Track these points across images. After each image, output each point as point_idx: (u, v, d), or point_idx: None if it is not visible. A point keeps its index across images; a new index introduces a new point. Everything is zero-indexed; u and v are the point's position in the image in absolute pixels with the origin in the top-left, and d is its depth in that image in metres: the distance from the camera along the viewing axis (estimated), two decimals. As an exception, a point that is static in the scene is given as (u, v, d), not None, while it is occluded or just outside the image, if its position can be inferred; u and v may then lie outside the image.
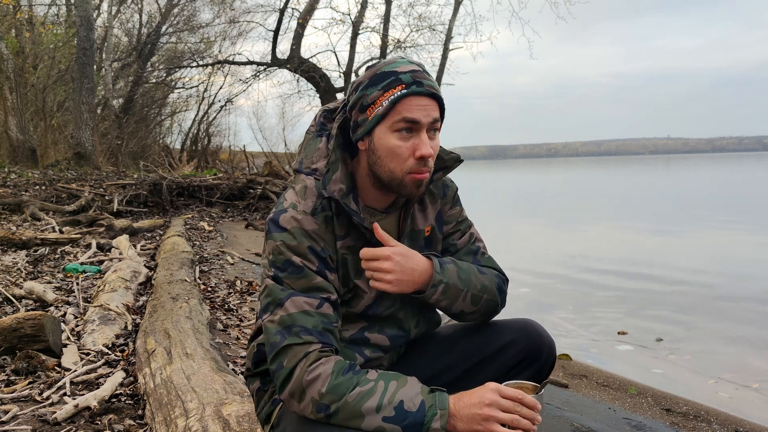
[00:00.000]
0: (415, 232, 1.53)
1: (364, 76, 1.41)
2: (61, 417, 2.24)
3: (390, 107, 1.35)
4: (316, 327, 1.31)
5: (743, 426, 3.00)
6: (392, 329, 1.51)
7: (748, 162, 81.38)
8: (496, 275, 1.57)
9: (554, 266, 8.10)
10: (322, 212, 1.39)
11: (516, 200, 23.51)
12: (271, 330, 1.33)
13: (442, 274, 1.43)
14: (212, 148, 26.32)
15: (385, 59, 1.43)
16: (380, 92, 1.35)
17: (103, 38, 20.41)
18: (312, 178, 1.43)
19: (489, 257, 1.61)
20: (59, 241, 5.96)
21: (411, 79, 1.35)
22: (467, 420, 1.23)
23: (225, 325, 3.75)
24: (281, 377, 1.30)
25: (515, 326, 1.54)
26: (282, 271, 1.35)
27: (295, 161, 1.51)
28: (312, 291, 1.34)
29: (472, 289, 1.47)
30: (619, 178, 42.08)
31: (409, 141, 1.36)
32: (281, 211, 1.38)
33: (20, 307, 3.75)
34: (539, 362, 1.50)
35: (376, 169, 1.40)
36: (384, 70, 1.37)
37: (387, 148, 1.37)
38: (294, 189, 1.43)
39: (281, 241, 1.35)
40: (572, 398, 3.13)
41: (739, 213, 14.62)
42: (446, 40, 19.18)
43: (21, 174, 11.97)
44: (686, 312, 5.51)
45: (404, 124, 1.35)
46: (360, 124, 1.39)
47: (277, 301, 1.34)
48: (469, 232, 1.61)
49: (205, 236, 7.86)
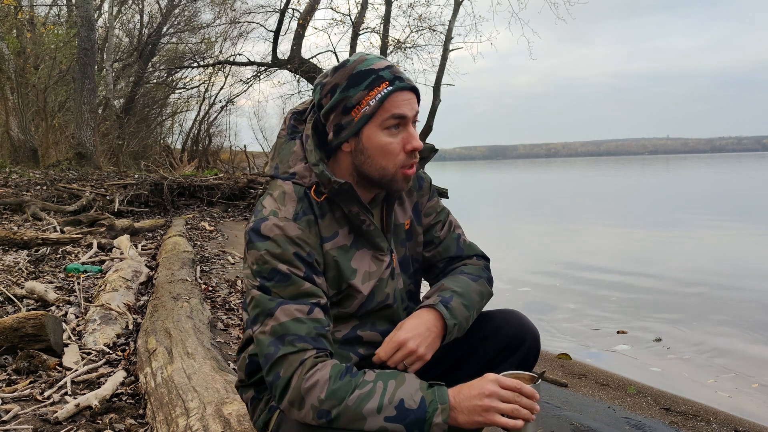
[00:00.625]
0: (396, 226, 1.55)
1: (336, 77, 1.39)
2: (62, 416, 2.25)
3: (378, 105, 1.35)
4: (309, 333, 1.29)
5: (742, 425, 3.01)
6: (384, 325, 1.51)
7: (747, 162, 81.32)
8: (483, 268, 1.61)
9: (554, 266, 8.10)
10: (304, 216, 1.37)
11: (516, 200, 23.50)
12: (263, 341, 1.31)
13: (451, 317, 1.44)
14: (213, 148, 26.37)
15: (352, 59, 1.41)
16: (365, 92, 1.35)
17: (104, 39, 20.43)
18: (290, 183, 1.41)
19: (470, 243, 1.65)
20: (60, 241, 5.97)
21: (392, 75, 1.37)
22: (468, 412, 1.25)
23: (226, 324, 3.76)
24: (279, 387, 1.28)
25: (498, 315, 1.58)
26: (269, 281, 1.32)
27: (268, 167, 1.48)
28: (301, 297, 1.32)
29: (476, 305, 1.52)
30: (619, 178, 42.06)
31: (398, 136, 1.38)
32: (262, 219, 1.35)
33: (21, 306, 3.76)
34: (523, 348, 1.53)
35: (365, 168, 1.40)
36: (360, 69, 1.37)
37: (378, 146, 1.37)
38: (272, 195, 1.40)
39: (265, 251, 1.32)
40: (572, 397, 3.14)
41: (738, 213, 14.62)
42: (446, 40, 19.20)
43: (22, 174, 11.98)
44: (686, 311, 5.51)
45: (393, 120, 1.36)
46: (344, 127, 1.38)
47: (266, 312, 1.31)
48: (448, 221, 1.65)
49: (206, 236, 7.87)
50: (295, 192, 1.39)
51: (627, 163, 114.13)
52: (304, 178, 1.41)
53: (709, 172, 45.48)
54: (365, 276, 1.45)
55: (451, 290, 1.49)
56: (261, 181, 11.59)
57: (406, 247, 1.57)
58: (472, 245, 1.65)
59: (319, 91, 1.42)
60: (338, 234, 1.42)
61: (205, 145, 26.12)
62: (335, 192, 1.38)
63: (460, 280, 1.53)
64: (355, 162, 1.40)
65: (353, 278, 1.43)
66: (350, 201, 1.40)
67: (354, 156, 1.40)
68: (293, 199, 1.38)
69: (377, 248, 1.48)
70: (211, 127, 27.20)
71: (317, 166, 1.38)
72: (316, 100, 1.42)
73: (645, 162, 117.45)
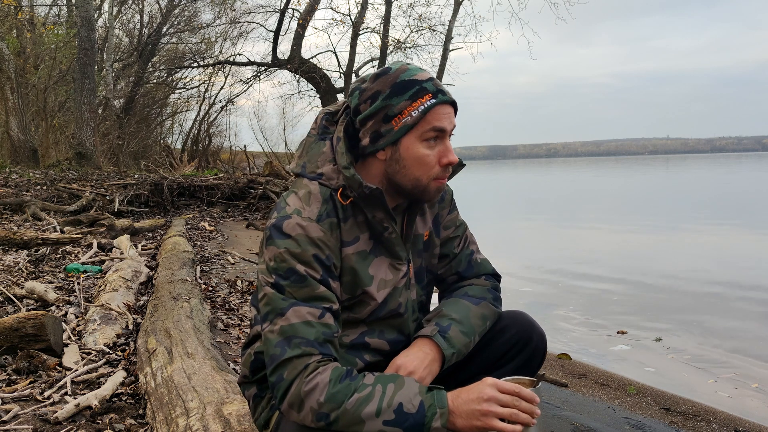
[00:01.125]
0: (416, 237, 1.54)
1: (378, 84, 1.38)
2: (62, 416, 2.25)
3: (420, 117, 1.35)
4: (317, 338, 1.29)
5: (742, 425, 3.01)
6: (392, 333, 1.50)
7: (747, 162, 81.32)
8: (488, 288, 1.60)
9: (554, 265, 8.09)
10: (327, 219, 1.36)
11: (516, 200, 23.50)
12: (271, 341, 1.31)
13: (449, 346, 1.45)
14: (213, 148, 26.35)
15: (394, 67, 1.41)
16: (407, 102, 1.35)
17: (104, 39, 20.42)
18: (317, 183, 1.40)
19: (481, 261, 1.65)
20: (60, 241, 5.97)
21: (435, 87, 1.37)
22: (466, 416, 1.24)
23: (226, 324, 3.76)
24: (281, 389, 1.28)
25: (505, 316, 1.59)
26: (284, 279, 1.32)
27: (295, 164, 1.47)
28: (314, 301, 1.32)
29: (477, 329, 1.52)
30: (619, 178, 42.06)
31: (435, 149, 1.38)
32: (285, 217, 1.34)
33: (21, 306, 3.76)
34: (530, 347, 1.54)
35: (398, 177, 1.39)
36: (404, 79, 1.37)
37: (416, 157, 1.37)
38: (297, 194, 1.39)
39: (285, 248, 1.32)
40: (572, 397, 3.14)
41: (738, 213, 14.61)
42: (446, 40, 19.20)
43: (22, 174, 11.98)
44: (685, 311, 5.51)
45: (433, 133, 1.36)
46: (383, 134, 1.37)
47: (277, 311, 1.31)
48: (465, 236, 1.65)
49: (206, 236, 7.87)
50: (321, 193, 1.39)
51: (627, 163, 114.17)
52: (332, 179, 1.40)
53: (709, 172, 45.48)
54: (381, 283, 1.45)
55: (449, 318, 1.49)
56: (261, 181, 11.59)
57: (422, 257, 1.57)
58: (484, 263, 1.65)
59: (357, 96, 1.40)
60: (359, 239, 1.41)
61: (205, 145, 26.10)
62: (363, 197, 1.38)
63: (460, 305, 1.53)
64: (388, 170, 1.40)
65: (369, 285, 1.43)
66: (377, 207, 1.39)
67: (388, 164, 1.40)
68: (318, 200, 1.38)
69: (396, 256, 1.48)
70: (211, 127, 27.20)
71: (348, 169, 1.37)
72: (353, 105, 1.41)
73: (645, 162, 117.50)
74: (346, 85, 18.77)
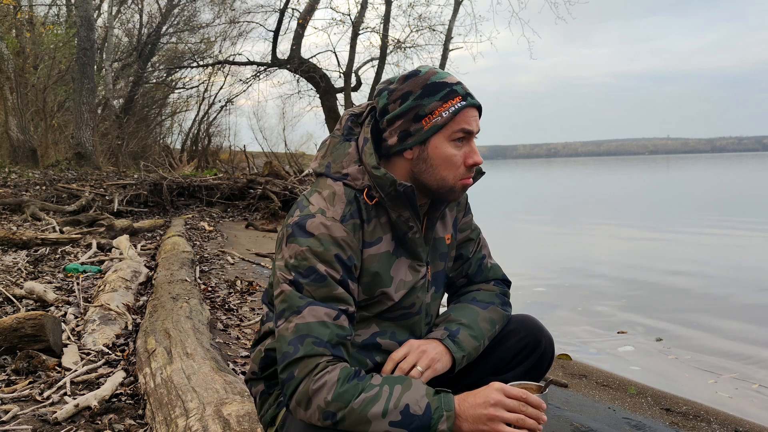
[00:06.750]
0: (436, 240, 1.55)
1: (408, 85, 1.40)
2: (61, 417, 2.24)
3: (450, 118, 1.37)
4: (330, 340, 1.29)
5: (743, 426, 3.00)
6: (404, 335, 1.50)
7: (747, 162, 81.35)
8: (497, 294, 1.62)
9: (554, 266, 8.10)
10: (351, 219, 1.37)
11: (516, 200, 23.51)
12: (285, 338, 1.31)
13: (459, 350, 1.46)
14: (212, 148, 26.30)
15: (424, 69, 1.43)
16: (438, 103, 1.37)
17: (103, 38, 20.43)
18: (341, 184, 1.40)
19: (492, 266, 1.67)
20: (59, 241, 5.96)
21: (464, 91, 1.40)
22: (473, 420, 1.24)
23: (225, 324, 3.75)
24: (291, 387, 1.28)
25: (515, 319, 1.60)
26: (304, 278, 1.32)
27: (318, 164, 1.47)
28: (332, 301, 1.32)
29: (487, 333, 1.53)
30: (619, 178, 42.07)
31: (461, 150, 1.40)
32: (308, 216, 1.35)
33: (21, 307, 3.76)
34: (538, 351, 1.54)
35: (425, 176, 1.41)
36: (435, 81, 1.39)
37: (444, 157, 1.39)
38: (320, 193, 1.40)
39: (307, 247, 1.32)
40: (572, 398, 3.14)
41: (738, 213, 14.62)
42: (446, 40, 19.19)
43: (21, 174, 11.98)
44: (686, 312, 5.51)
45: (461, 134, 1.39)
46: (412, 134, 1.39)
47: (294, 308, 1.31)
48: (478, 240, 1.67)
49: (205, 236, 7.87)
50: (346, 194, 1.39)
51: (627, 163, 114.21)
52: (357, 180, 1.41)
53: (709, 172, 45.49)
54: (400, 284, 1.45)
55: (458, 322, 1.51)
56: (260, 181, 11.58)
57: (444, 261, 1.58)
58: (495, 268, 1.67)
59: (386, 96, 1.42)
60: (381, 240, 1.42)
61: (204, 145, 26.06)
62: (395, 195, 1.39)
63: (468, 310, 1.55)
64: (415, 170, 1.41)
65: (389, 286, 1.43)
66: (405, 206, 1.41)
67: (414, 164, 1.41)
68: (343, 200, 1.38)
69: (416, 257, 1.48)
70: (210, 127, 27.15)
71: (378, 168, 1.38)
72: (381, 105, 1.42)
73: (645, 162, 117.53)
74: (346, 85, 18.77)
